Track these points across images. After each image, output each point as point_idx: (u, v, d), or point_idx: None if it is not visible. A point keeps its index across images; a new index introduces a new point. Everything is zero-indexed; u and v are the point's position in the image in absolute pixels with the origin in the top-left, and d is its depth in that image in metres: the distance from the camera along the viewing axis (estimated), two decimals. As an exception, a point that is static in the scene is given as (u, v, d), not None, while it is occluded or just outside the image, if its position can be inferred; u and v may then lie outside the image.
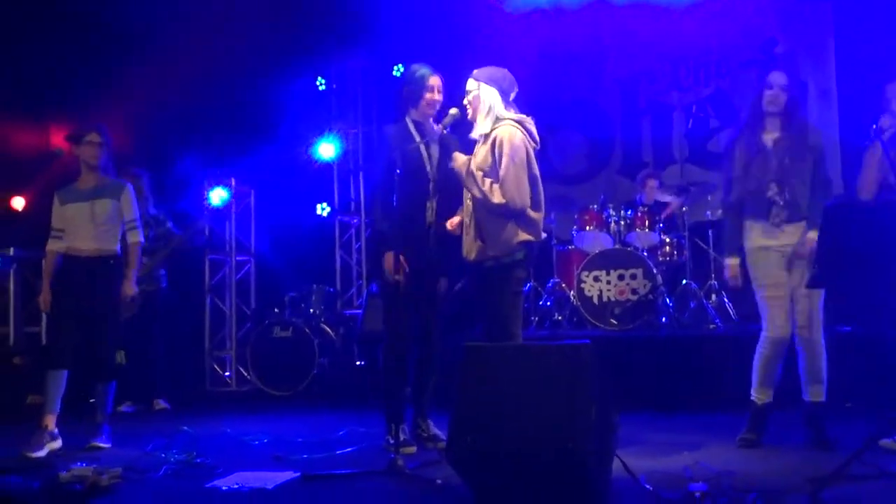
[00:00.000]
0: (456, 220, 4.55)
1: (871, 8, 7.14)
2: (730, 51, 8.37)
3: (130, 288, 5.13)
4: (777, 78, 4.41)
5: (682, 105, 8.43)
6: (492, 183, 4.22)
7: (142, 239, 5.25)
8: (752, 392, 4.48)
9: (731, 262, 4.58)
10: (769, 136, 4.43)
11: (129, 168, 6.72)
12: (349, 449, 4.71)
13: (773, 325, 4.39)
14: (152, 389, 6.76)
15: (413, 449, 4.55)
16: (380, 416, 4.78)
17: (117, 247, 5.18)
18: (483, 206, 4.26)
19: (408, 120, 4.74)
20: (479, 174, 4.28)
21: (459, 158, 4.41)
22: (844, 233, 3.57)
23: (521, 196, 4.21)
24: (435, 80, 4.70)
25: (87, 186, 5.19)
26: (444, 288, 4.77)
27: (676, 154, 8.46)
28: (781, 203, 4.34)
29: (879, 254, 3.43)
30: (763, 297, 4.44)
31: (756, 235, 4.44)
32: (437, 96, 4.70)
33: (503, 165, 4.19)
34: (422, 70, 4.72)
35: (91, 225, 5.11)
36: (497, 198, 4.19)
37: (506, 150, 4.20)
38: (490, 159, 4.27)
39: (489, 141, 4.31)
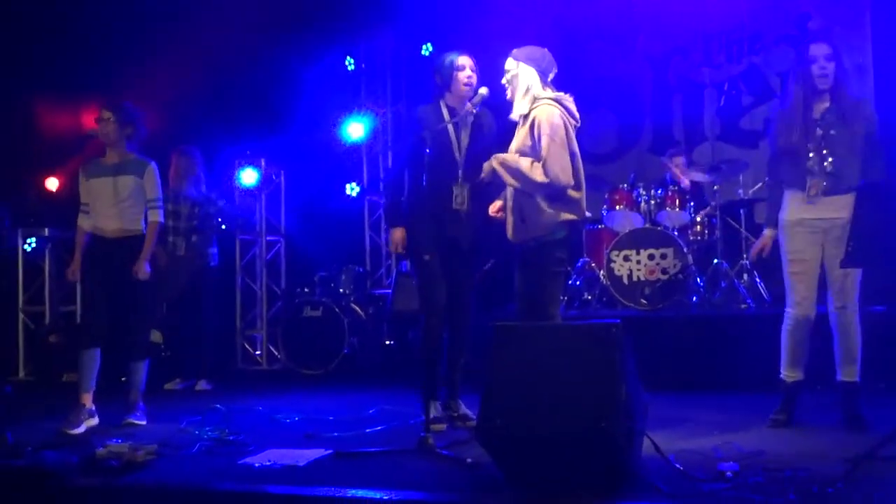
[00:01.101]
0: (497, 203, 4.53)
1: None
2: (763, 26, 8.24)
3: (143, 267, 5.10)
4: (819, 49, 4.28)
5: (714, 82, 8.32)
6: (532, 162, 4.20)
7: (161, 219, 5.26)
8: (782, 371, 4.45)
9: (767, 233, 4.54)
10: (818, 108, 4.33)
11: (182, 146, 6.81)
12: (379, 427, 4.75)
13: (796, 302, 4.36)
14: (199, 368, 6.81)
15: (443, 427, 4.58)
16: (409, 395, 4.81)
17: (142, 226, 5.21)
18: (524, 187, 4.25)
19: (441, 103, 4.72)
20: (513, 158, 4.26)
21: (487, 166, 4.39)
22: (879, 210, 3.52)
23: (565, 174, 4.18)
24: (465, 60, 4.68)
25: (110, 162, 5.24)
26: (476, 269, 4.78)
27: (708, 132, 8.36)
28: (820, 174, 4.27)
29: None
30: (788, 273, 4.40)
31: (792, 207, 4.38)
32: (471, 74, 4.66)
33: (544, 145, 4.16)
34: (450, 55, 4.72)
35: (114, 200, 5.15)
36: (540, 177, 4.16)
37: (545, 129, 4.18)
38: (529, 140, 4.25)
39: (528, 122, 4.29)
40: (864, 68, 7.51)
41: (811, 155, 4.29)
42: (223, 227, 6.96)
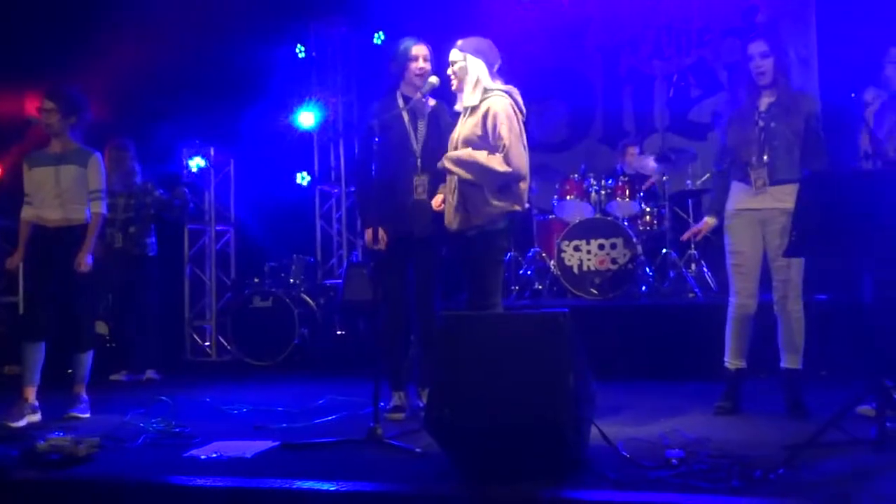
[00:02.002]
0: (439, 197, 4.53)
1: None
2: (711, 20, 8.35)
3: (84, 259, 4.99)
4: (756, 48, 4.41)
5: (664, 74, 8.41)
6: (488, 153, 4.20)
7: (104, 210, 5.15)
8: (726, 359, 4.54)
9: (708, 220, 4.66)
10: (764, 101, 4.44)
11: (113, 139, 6.68)
12: (329, 418, 4.72)
13: (738, 292, 4.46)
14: (146, 359, 6.73)
15: (400, 416, 4.59)
16: (360, 385, 4.79)
17: (85, 217, 5.10)
18: (480, 180, 4.22)
19: (398, 92, 4.69)
20: (467, 153, 4.25)
21: (440, 165, 4.37)
22: (821, 201, 3.58)
23: (524, 164, 4.23)
24: (419, 49, 4.64)
25: (53, 152, 5.13)
26: (437, 259, 4.74)
27: (658, 123, 8.44)
28: (760, 166, 4.36)
29: (856, 223, 3.44)
30: (731, 264, 4.51)
31: (736, 198, 4.49)
32: (424, 64, 4.63)
33: (504, 135, 4.17)
34: (405, 42, 4.67)
35: (56, 190, 5.04)
36: (501, 166, 4.16)
37: (502, 120, 4.19)
38: (480, 130, 4.24)
39: (478, 112, 4.28)
40: (809, 60, 7.64)
41: (753, 147, 4.38)
42: (157, 216, 6.84)
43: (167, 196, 6.84)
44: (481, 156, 4.21)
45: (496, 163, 4.17)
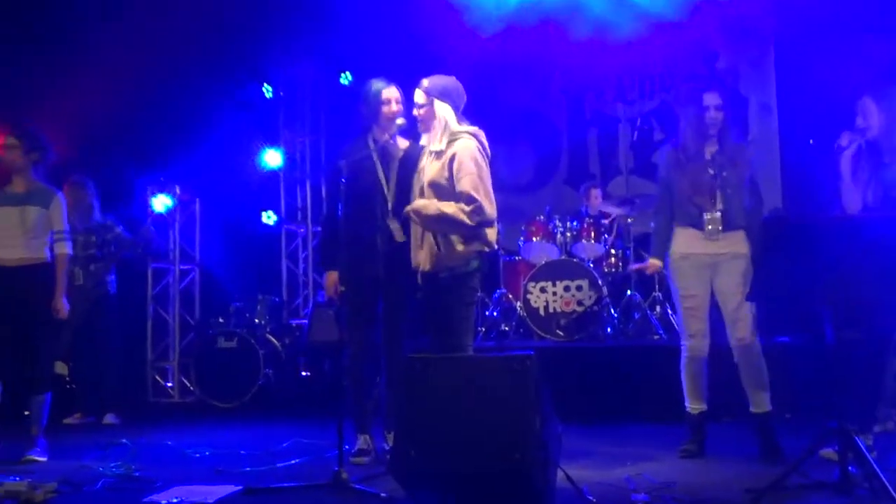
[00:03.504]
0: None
1: (810, 25, 7.31)
2: (674, 66, 8.51)
3: (61, 303, 4.96)
4: (711, 99, 4.52)
5: (628, 117, 8.54)
6: (456, 205, 4.14)
7: (69, 251, 5.11)
8: (686, 403, 4.56)
9: (653, 261, 4.72)
10: (708, 150, 4.55)
11: (71, 176, 6.61)
12: (293, 461, 4.66)
13: (690, 335, 4.52)
14: (103, 402, 6.59)
15: (363, 460, 4.54)
16: (325, 428, 4.74)
17: (46, 255, 5.04)
18: (448, 231, 4.21)
19: (368, 136, 4.67)
20: (433, 206, 4.18)
21: (412, 205, 4.29)
22: (782, 246, 3.63)
23: (493, 211, 4.21)
24: (390, 93, 4.62)
25: (16, 191, 5.08)
26: (406, 302, 4.70)
27: (622, 166, 8.54)
28: (713, 212, 4.44)
29: (817, 266, 3.50)
30: (681, 308, 4.58)
31: (683, 243, 4.55)
32: (396, 107, 4.61)
33: (470, 184, 4.12)
34: (377, 84, 4.65)
35: (19, 231, 4.98)
36: (472, 219, 4.11)
37: (469, 168, 4.15)
38: (446, 173, 4.21)
39: (445, 156, 4.24)
40: (769, 106, 7.81)
41: (706, 194, 4.47)
42: (118, 254, 6.76)
43: (129, 235, 6.77)
44: (450, 209, 4.14)
45: (464, 215, 4.12)
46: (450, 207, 4.15)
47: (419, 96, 4.35)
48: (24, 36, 8.07)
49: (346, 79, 8.86)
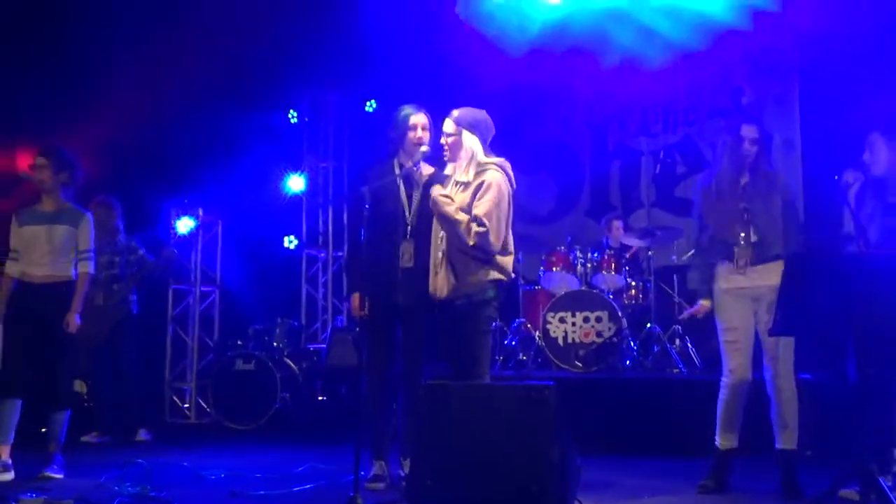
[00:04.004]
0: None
1: (834, 61, 7.31)
2: (698, 100, 8.52)
3: (73, 318, 4.99)
4: (749, 132, 4.49)
5: (651, 150, 8.54)
6: (468, 221, 4.20)
7: (92, 270, 5.15)
8: (717, 437, 4.50)
9: (704, 303, 4.63)
10: (741, 182, 4.51)
11: (100, 197, 6.69)
12: (308, 486, 4.64)
13: (731, 370, 4.45)
14: (131, 419, 6.65)
15: (379, 486, 4.51)
16: (341, 453, 4.72)
17: (71, 274, 5.09)
18: (450, 234, 4.26)
19: (395, 160, 4.71)
20: (452, 210, 4.25)
21: (438, 190, 4.34)
22: (805, 281, 3.62)
23: (497, 240, 4.22)
24: (418, 118, 4.64)
25: (46, 210, 5.14)
26: (424, 328, 4.69)
27: (644, 198, 8.54)
28: (746, 245, 4.41)
29: (839, 303, 3.48)
30: (723, 341, 4.51)
31: (722, 277, 4.51)
32: (422, 133, 4.62)
33: (486, 209, 4.17)
34: (405, 110, 4.67)
35: (46, 248, 5.04)
36: (471, 239, 4.17)
37: (492, 195, 4.20)
38: (471, 201, 4.25)
39: (471, 187, 4.28)
40: (793, 142, 7.79)
41: (737, 226, 4.43)
42: (140, 274, 6.83)
43: (152, 257, 6.83)
44: (461, 216, 4.20)
45: (467, 232, 4.17)
46: (462, 216, 4.20)
47: (449, 126, 4.38)
48: (57, 62, 8.22)
49: (370, 107, 8.96)
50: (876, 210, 4.39)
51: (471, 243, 4.18)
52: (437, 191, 4.33)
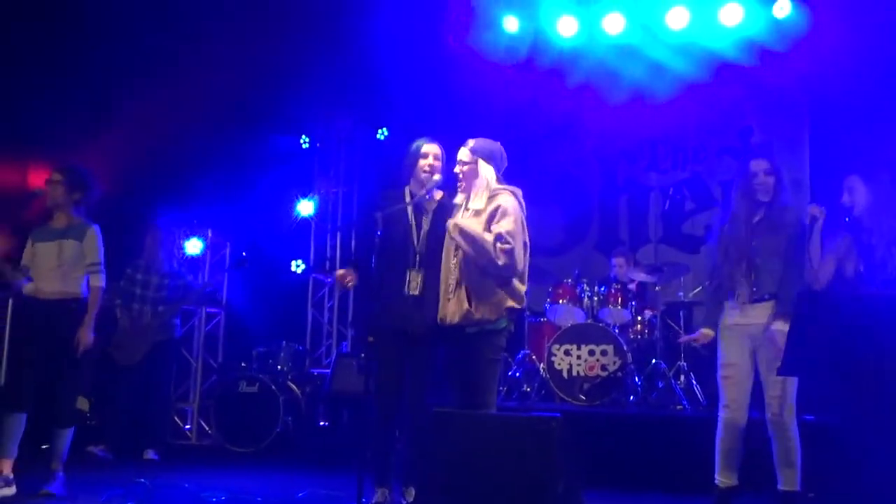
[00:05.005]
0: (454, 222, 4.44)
1: (845, 102, 7.35)
2: (707, 137, 8.55)
3: (86, 334, 5.00)
4: (759, 165, 4.53)
5: (660, 186, 8.57)
6: (494, 241, 4.23)
7: (103, 284, 5.15)
8: (716, 476, 4.49)
9: (705, 331, 4.66)
10: (755, 219, 4.54)
11: (157, 221, 6.94)
12: (309, 511, 4.64)
13: (726, 405, 4.46)
14: (141, 438, 6.69)
15: None
16: (342, 478, 4.71)
17: (82, 290, 5.11)
18: (476, 268, 4.25)
19: (406, 188, 4.74)
20: (475, 229, 4.26)
21: (462, 222, 4.35)
22: (814, 321, 3.61)
23: (522, 264, 4.28)
24: (429, 148, 4.68)
25: (57, 226, 5.18)
26: (430, 357, 4.69)
27: (651, 234, 8.57)
28: (745, 283, 4.43)
29: (850, 344, 3.47)
30: (720, 377, 4.53)
31: (727, 314, 4.54)
32: (433, 162, 4.65)
33: (507, 227, 4.21)
34: (418, 142, 4.73)
35: (55, 264, 5.06)
36: (501, 258, 4.19)
37: (511, 215, 4.26)
38: (487, 225, 4.29)
39: (485, 212, 4.32)
40: (802, 182, 7.81)
41: (742, 264, 4.46)
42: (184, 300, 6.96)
43: (198, 284, 7.00)
44: (489, 237, 4.23)
45: (495, 250, 4.20)
46: (488, 237, 4.22)
47: (465, 154, 4.44)
48: (70, 81, 8.29)
49: (382, 134, 9.02)
50: (853, 249, 4.40)
51: (500, 262, 4.19)
52: (454, 220, 4.36)
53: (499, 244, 4.20)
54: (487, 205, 4.34)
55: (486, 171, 4.40)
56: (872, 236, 4.36)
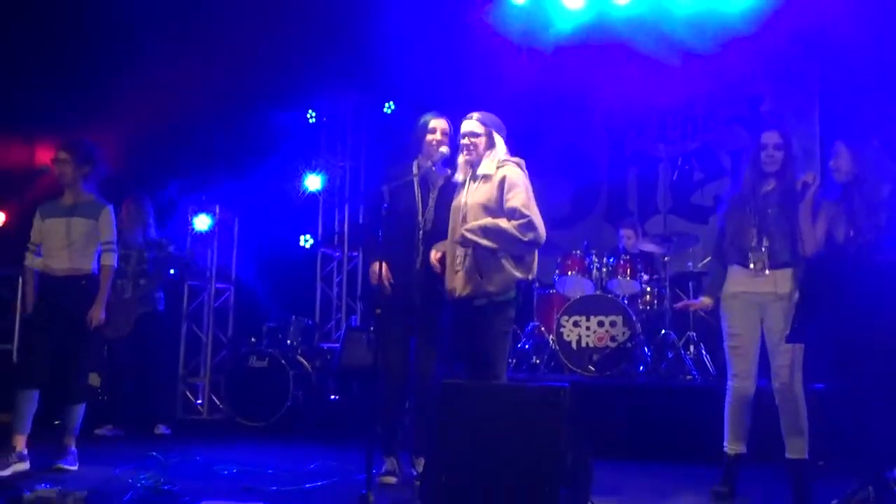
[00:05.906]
0: (437, 255, 4.53)
1: (856, 72, 7.28)
2: (717, 107, 8.48)
3: (98, 312, 5.01)
4: (770, 138, 4.50)
5: (669, 157, 8.50)
6: (509, 221, 4.25)
7: (115, 263, 5.16)
8: (725, 443, 4.50)
9: (704, 299, 4.73)
10: (764, 189, 4.52)
11: (132, 193, 6.81)
12: (319, 483, 4.65)
13: (735, 374, 4.47)
14: (150, 413, 6.74)
15: (392, 479, 4.55)
16: (352, 450, 4.73)
17: (92, 267, 5.11)
18: (506, 248, 4.26)
19: (414, 162, 4.74)
20: (491, 222, 4.27)
21: (475, 224, 4.33)
22: (823, 288, 3.60)
23: (543, 228, 4.31)
24: (437, 123, 4.72)
25: (66, 203, 5.17)
26: (436, 329, 4.70)
27: (660, 204, 8.52)
28: (762, 250, 4.41)
29: (858, 311, 3.46)
30: (728, 346, 4.53)
31: (734, 281, 4.52)
32: (440, 137, 4.69)
33: (521, 200, 4.25)
34: (426, 116, 4.77)
35: (65, 242, 5.06)
36: (526, 235, 4.23)
37: (521, 188, 4.29)
38: (496, 195, 4.31)
39: (493, 180, 4.35)
40: (812, 151, 7.74)
41: (752, 232, 4.45)
42: (171, 272, 6.93)
43: (179, 253, 6.95)
44: (506, 224, 4.25)
45: (516, 230, 4.22)
46: (503, 222, 4.24)
47: (477, 126, 4.46)
48: (77, 60, 8.30)
49: (389, 108, 8.98)
50: (841, 214, 4.36)
51: (526, 239, 4.22)
52: (464, 228, 4.34)
53: (515, 222, 4.22)
54: (496, 172, 4.36)
55: (499, 141, 4.45)
56: (855, 200, 4.31)
